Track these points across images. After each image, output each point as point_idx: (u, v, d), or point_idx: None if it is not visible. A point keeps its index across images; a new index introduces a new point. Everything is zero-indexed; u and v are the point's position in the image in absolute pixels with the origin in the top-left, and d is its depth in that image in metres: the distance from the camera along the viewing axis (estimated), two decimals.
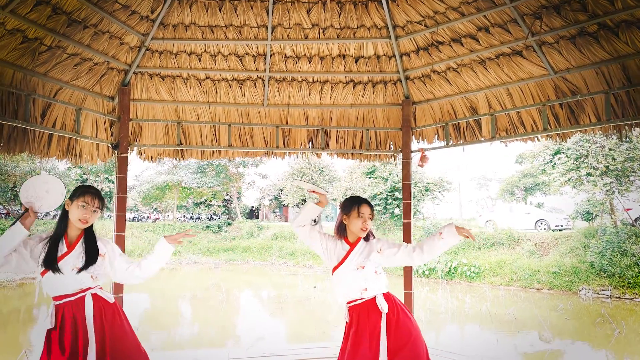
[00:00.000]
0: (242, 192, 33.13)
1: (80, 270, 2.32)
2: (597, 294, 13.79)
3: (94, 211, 2.38)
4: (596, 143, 15.24)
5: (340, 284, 2.70)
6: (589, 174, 15.68)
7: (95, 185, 27.92)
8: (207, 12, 4.12)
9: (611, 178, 15.40)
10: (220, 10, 4.11)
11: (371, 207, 2.75)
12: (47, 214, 27.37)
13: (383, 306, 2.56)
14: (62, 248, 2.34)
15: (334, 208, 33.54)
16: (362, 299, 2.62)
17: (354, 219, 2.69)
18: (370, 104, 4.94)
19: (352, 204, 2.73)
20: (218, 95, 4.72)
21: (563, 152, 16.57)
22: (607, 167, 15.09)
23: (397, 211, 21.36)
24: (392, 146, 5.08)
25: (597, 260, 14.33)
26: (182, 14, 4.10)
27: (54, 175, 2.40)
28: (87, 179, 27.98)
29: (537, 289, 14.82)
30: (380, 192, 21.64)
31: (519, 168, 29.66)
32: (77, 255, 2.35)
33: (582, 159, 15.78)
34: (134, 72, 4.40)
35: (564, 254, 15.62)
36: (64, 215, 2.39)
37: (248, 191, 33.82)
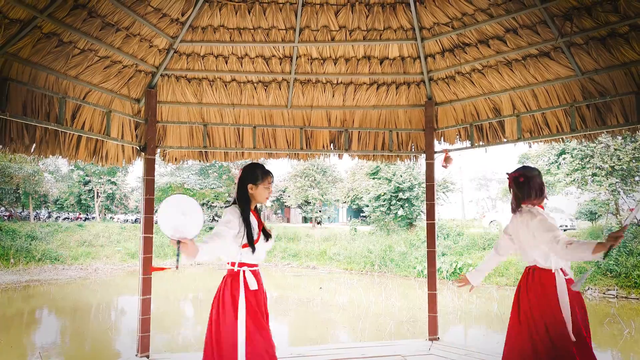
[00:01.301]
0: None
1: (267, 239, 2.56)
2: (603, 294, 13.82)
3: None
4: (601, 143, 15.25)
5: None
6: (594, 174, 15.69)
7: (95, 188, 27.64)
8: (236, 14, 4.14)
9: (617, 178, 15.42)
10: (249, 13, 4.13)
11: None
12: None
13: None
14: (255, 225, 2.55)
15: (337, 209, 33.54)
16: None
17: None
18: (392, 105, 4.96)
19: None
20: (243, 98, 4.73)
21: (568, 153, 16.57)
22: (612, 167, 15.10)
23: (400, 212, 21.38)
24: (413, 147, 5.10)
25: (603, 260, 14.35)
26: (211, 16, 4.11)
27: (174, 195, 2.23)
28: (89, 181, 27.87)
29: None
30: (384, 193, 21.65)
31: None
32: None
33: (588, 159, 15.80)
34: (161, 75, 4.41)
35: None
36: (248, 198, 2.58)
37: None
